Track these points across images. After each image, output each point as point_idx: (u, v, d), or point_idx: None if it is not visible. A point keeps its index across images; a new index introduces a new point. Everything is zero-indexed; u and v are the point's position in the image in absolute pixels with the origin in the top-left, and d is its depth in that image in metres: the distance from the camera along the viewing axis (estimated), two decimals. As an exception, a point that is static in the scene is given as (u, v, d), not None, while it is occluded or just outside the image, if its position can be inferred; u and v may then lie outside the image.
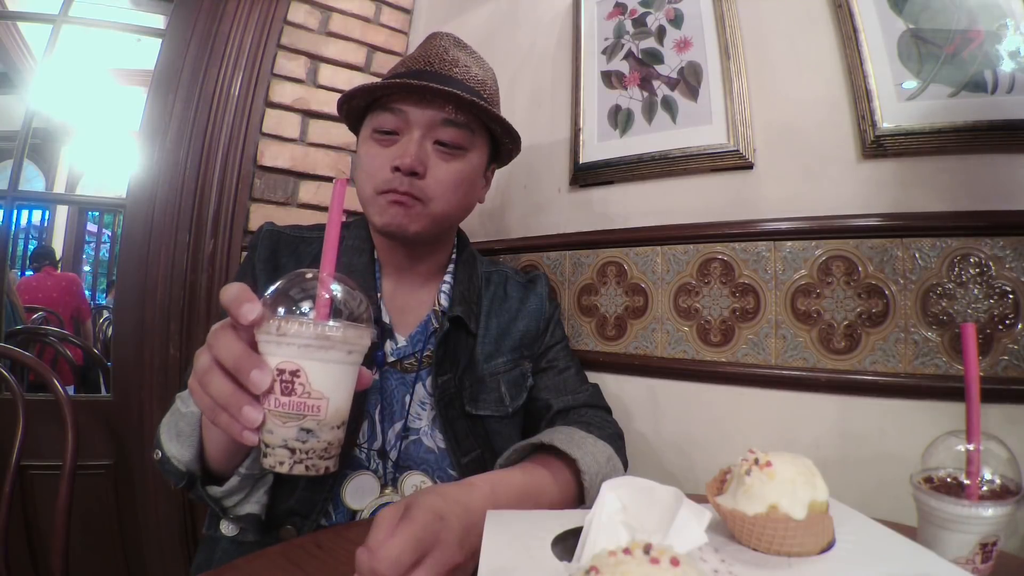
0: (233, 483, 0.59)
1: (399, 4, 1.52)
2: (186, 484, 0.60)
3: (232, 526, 0.65)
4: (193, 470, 0.59)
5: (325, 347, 0.39)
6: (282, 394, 0.39)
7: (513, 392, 0.80)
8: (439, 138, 0.73)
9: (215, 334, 0.42)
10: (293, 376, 0.39)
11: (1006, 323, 0.70)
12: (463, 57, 0.79)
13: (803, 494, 0.40)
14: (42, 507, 1.18)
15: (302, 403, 0.39)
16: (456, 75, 0.75)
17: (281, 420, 0.39)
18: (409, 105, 0.72)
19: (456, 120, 0.73)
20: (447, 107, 0.72)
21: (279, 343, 0.39)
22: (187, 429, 0.59)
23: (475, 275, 0.84)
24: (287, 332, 0.39)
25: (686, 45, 0.98)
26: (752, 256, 0.87)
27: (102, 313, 3.60)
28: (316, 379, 0.39)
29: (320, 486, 0.68)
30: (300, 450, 0.39)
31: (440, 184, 0.73)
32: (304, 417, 0.39)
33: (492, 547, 0.42)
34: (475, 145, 0.76)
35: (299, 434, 0.39)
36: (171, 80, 1.27)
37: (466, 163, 0.75)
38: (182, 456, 0.59)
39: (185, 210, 1.23)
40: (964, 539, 0.43)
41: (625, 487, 0.43)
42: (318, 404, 0.39)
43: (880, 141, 0.78)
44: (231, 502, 0.61)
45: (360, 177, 0.75)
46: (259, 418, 0.40)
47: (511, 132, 0.79)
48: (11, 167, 1.37)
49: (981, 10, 0.74)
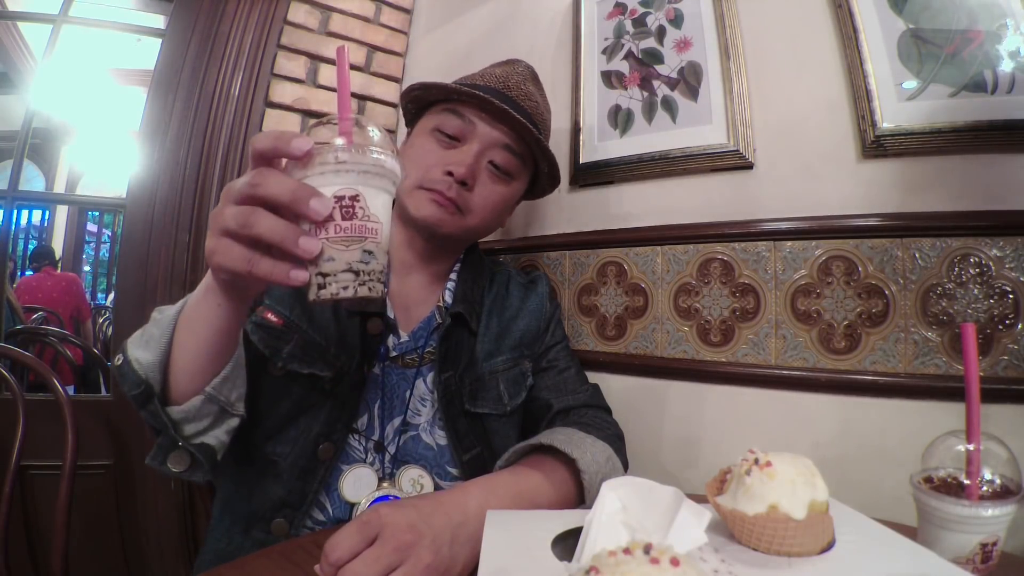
0: (195, 403, 0.55)
1: (399, 4, 1.52)
2: (141, 396, 0.54)
3: (180, 461, 0.57)
4: (152, 379, 0.54)
5: (380, 174, 0.42)
6: (343, 219, 0.41)
7: (512, 391, 0.80)
8: (494, 159, 0.77)
9: (258, 175, 0.41)
10: (353, 201, 0.41)
11: (1006, 323, 0.70)
12: (535, 92, 0.83)
13: (803, 494, 0.40)
14: (42, 507, 1.18)
15: (363, 226, 0.41)
16: (528, 108, 0.80)
17: (344, 244, 0.41)
18: (480, 119, 0.75)
19: (515, 148, 0.77)
20: (512, 133, 0.76)
21: (337, 171, 0.41)
22: (157, 332, 0.55)
23: (480, 276, 0.85)
24: (346, 160, 0.41)
25: (686, 45, 0.98)
26: (752, 256, 0.87)
27: (102, 313, 3.60)
28: (372, 204, 0.42)
29: (312, 476, 0.68)
30: (363, 272, 0.41)
31: (483, 201, 0.77)
32: (365, 239, 0.41)
33: (492, 547, 0.42)
34: (521, 175, 0.82)
35: (363, 256, 0.41)
36: (171, 80, 1.27)
37: (509, 189, 0.80)
38: (144, 359, 0.54)
39: (185, 210, 1.23)
40: (964, 539, 0.43)
41: (625, 487, 0.43)
42: (376, 227, 0.42)
43: (880, 141, 0.78)
44: (190, 429, 0.57)
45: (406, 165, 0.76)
46: (317, 247, 0.40)
47: (555, 174, 0.86)
48: (11, 167, 1.37)
49: (981, 10, 0.74)
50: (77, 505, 0.88)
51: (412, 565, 0.43)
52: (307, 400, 0.69)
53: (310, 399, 0.69)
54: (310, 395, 0.69)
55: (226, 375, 0.56)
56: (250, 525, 0.67)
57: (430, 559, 0.44)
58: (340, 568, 0.42)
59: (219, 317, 0.51)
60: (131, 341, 0.58)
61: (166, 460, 0.57)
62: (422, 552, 0.44)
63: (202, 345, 0.53)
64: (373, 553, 0.43)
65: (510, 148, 0.77)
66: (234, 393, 0.59)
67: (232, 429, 0.60)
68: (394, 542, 0.43)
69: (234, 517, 0.69)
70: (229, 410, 0.59)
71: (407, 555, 0.43)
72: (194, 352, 0.54)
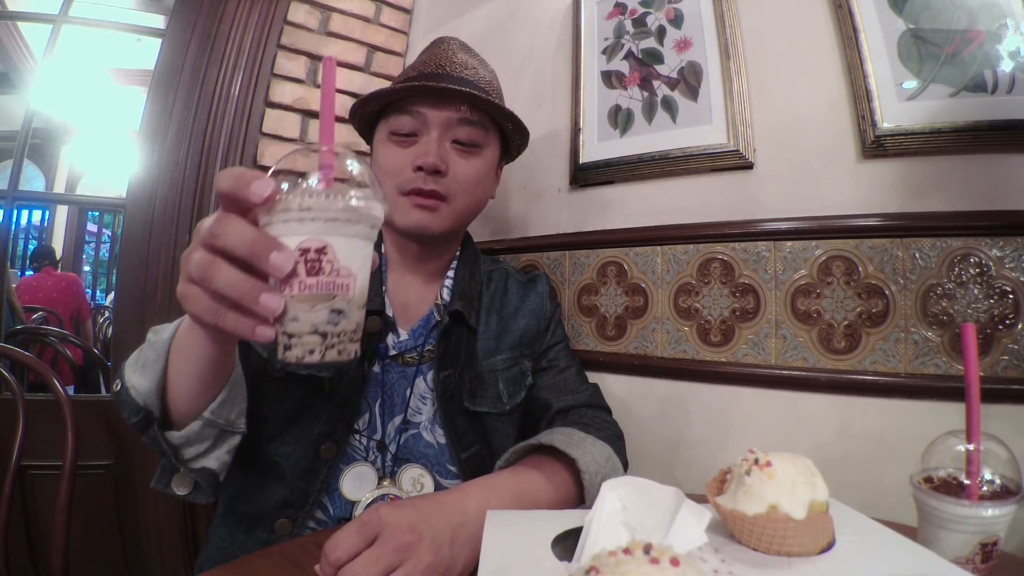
0: (194, 428, 0.55)
1: (399, 4, 1.52)
2: (141, 422, 0.54)
3: (184, 484, 0.59)
4: (151, 406, 0.54)
5: (352, 220, 0.37)
6: (308, 275, 0.36)
7: (511, 390, 0.80)
8: (456, 137, 0.76)
9: (218, 223, 0.37)
10: (319, 254, 0.36)
11: (1006, 323, 0.70)
12: (470, 60, 0.82)
13: (803, 494, 0.40)
14: (42, 507, 1.18)
15: (331, 282, 0.36)
16: (467, 77, 0.79)
17: (309, 304, 0.36)
18: (426, 107, 0.74)
19: (472, 119, 0.76)
20: (462, 107, 0.75)
21: (302, 219, 0.36)
22: (152, 356, 0.54)
23: (476, 272, 0.85)
24: (311, 207, 0.35)
25: (686, 45, 0.98)
26: (752, 256, 0.87)
27: (102, 313, 3.60)
28: (343, 255, 0.37)
29: (315, 476, 0.68)
30: (331, 334, 0.37)
31: (462, 180, 0.76)
32: (334, 297, 0.37)
33: (492, 547, 0.42)
34: (489, 142, 0.80)
35: (330, 316, 0.37)
36: (171, 80, 1.27)
37: (483, 159, 0.79)
38: (141, 386, 0.53)
39: (185, 210, 1.23)
40: (964, 539, 0.43)
41: (625, 487, 0.43)
42: (347, 282, 0.37)
43: (880, 141, 0.78)
44: (190, 452, 0.57)
45: (380, 178, 0.76)
46: (280, 305, 0.36)
47: (521, 128, 0.83)
48: (11, 167, 1.37)
49: (981, 10, 0.74)
50: (77, 505, 0.88)
51: (412, 566, 0.43)
52: (308, 401, 0.69)
53: (311, 399, 0.69)
54: (311, 395, 0.69)
55: (223, 399, 0.56)
56: (254, 524, 0.68)
57: (430, 559, 0.44)
58: (340, 568, 0.42)
59: (207, 350, 0.50)
60: (128, 365, 0.57)
61: (170, 483, 0.58)
62: (422, 552, 0.44)
63: (195, 372, 0.52)
64: (373, 553, 0.43)
65: (467, 121, 0.76)
66: (234, 412, 0.59)
67: (234, 447, 0.61)
68: (394, 543, 0.43)
69: (238, 516, 0.69)
70: (229, 429, 0.59)
71: (407, 555, 0.43)
72: (189, 377, 0.53)
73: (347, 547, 0.43)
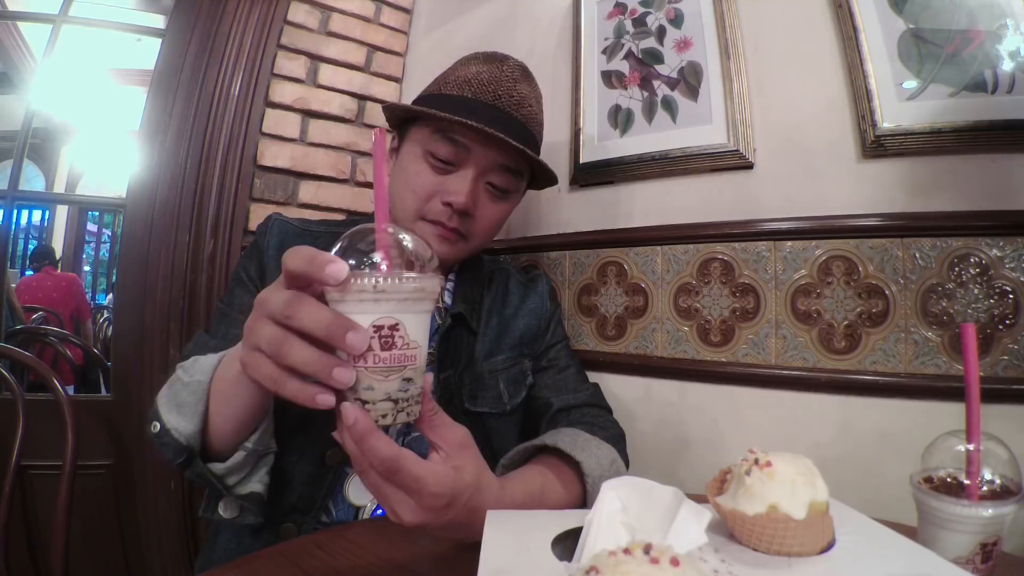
0: (238, 459, 0.57)
1: (399, 4, 1.52)
2: (184, 461, 0.56)
3: (231, 508, 0.62)
4: (194, 444, 0.56)
5: (420, 299, 0.40)
6: (382, 349, 0.39)
7: (512, 390, 0.80)
8: (492, 180, 0.75)
9: (291, 305, 0.39)
10: (392, 331, 0.39)
11: (1006, 323, 0.70)
12: (529, 94, 0.79)
13: (803, 494, 0.40)
14: (42, 507, 1.17)
15: (402, 355, 0.39)
16: (522, 117, 0.76)
17: (383, 375, 0.39)
18: (472, 141, 0.72)
19: (512, 168, 0.76)
20: (508, 154, 0.73)
21: (377, 300, 0.38)
22: (191, 399, 0.56)
23: (478, 274, 0.85)
24: (385, 289, 0.38)
25: (686, 45, 0.98)
26: (752, 256, 0.87)
27: (102, 313, 3.60)
28: (412, 330, 0.40)
29: (321, 482, 0.68)
30: (402, 399, 0.40)
31: (486, 223, 0.77)
32: (405, 368, 0.40)
33: (492, 547, 0.42)
34: (520, 188, 0.81)
35: (401, 384, 0.40)
36: (171, 80, 1.27)
37: (510, 204, 0.80)
38: (184, 428, 0.55)
39: (185, 210, 1.23)
40: (964, 539, 0.43)
41: (625, 487, 0.43)
42: (415, 353, 0.40)
43: (880, 141, 0.78)
44: (234, 480, 0.59)
45: (401, 191, 0.75)
46: (351, 378, 0.39)
47: (552, 179, 0.84)
48: (11, 167, 1.37)
49: (981, 10, 0.74)
50: (77, 505, 0.88)
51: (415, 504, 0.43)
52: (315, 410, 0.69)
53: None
54: None
55: (264, 428, 0.58)
56: (259, 529, 0.67)
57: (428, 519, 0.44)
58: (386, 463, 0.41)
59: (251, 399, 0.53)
60: (161, 405, 0.58)
61: (216, 509, 0.61)
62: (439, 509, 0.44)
63: (238, 415, 0.55)
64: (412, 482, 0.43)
65: (507, 168, 0.75)
66: (267, 435, 0.60)
67: (271, 466, 0.62)
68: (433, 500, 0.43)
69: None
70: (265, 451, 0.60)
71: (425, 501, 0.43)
72: (230, 419, 0.55)
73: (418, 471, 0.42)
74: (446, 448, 0.46)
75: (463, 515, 0.46)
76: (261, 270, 0.75)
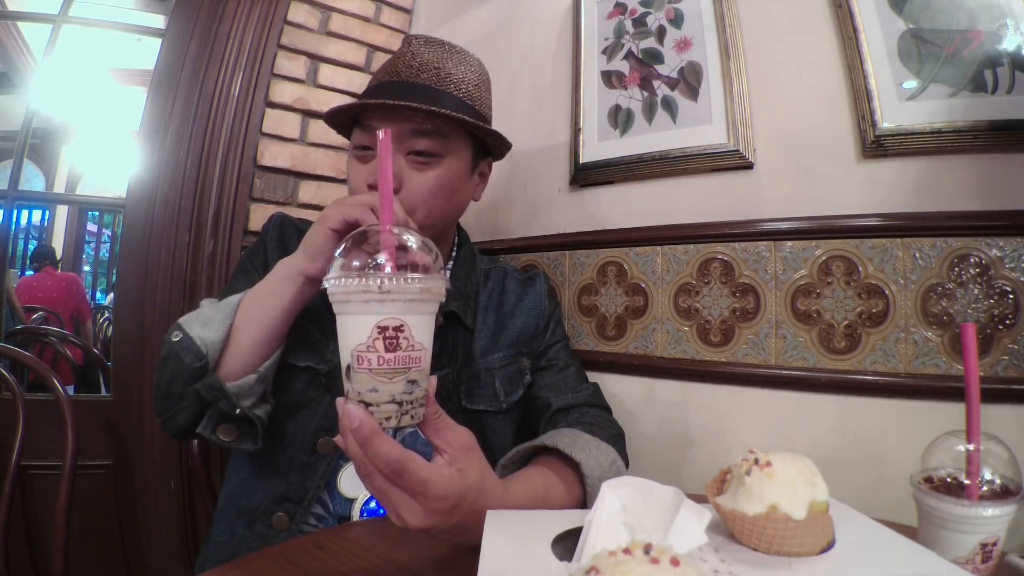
0: (250, 380, 0.62)
1: (399, 4, 1.52)
2: (200, 369, 0.61)
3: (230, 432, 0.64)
4: (212, 355, 0.61)
5: (426, 300, 0.40)
6: (386, 351, 0.39)
7: (508, 387, 0.80)
8: (413, 148, 0.72)
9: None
10: (397, 332, 0.39)
11: (1006, 323, 0.70)
12: (433, 59, 0.77)
13: (803, 494, 0.40)
14: (42, 507, 1.17)
15: (407, 356, 0.39)
16: (423, 80, 0.74)
17: (387, 377, 0.39)
18: (377, 120, 0.72)
19: (424, 129, 0.72)
20: (413, 117, 0.71)
21: (382, 300, 0.38)
22: (218, 316, 0.63)
23: (473, 272, 0.85)
24: (391, 289, 0.38)
25: (686, 45, 0.98)
26: (752, 256, 0.87)
27: (102, 313, 3.60)
28: (417, 332, 0.40)
29: (312, 472, 0.68)
30: (407, 402, 0.40)
31: (416, 195, 0.72)
32: (409, 370, 0.40)
33: (492, 547, 0.42)
34: (452, 149, 0.75)
35: (406, 387, 0.40)
36: (171, 80, 1.27)
37: (444, 168, 0.74)
38: (208, 337, 0.61)
39: (185, 210, 1.23)
40: (964, 539, 0.43)
41: (625, 487, 0.43)
42: (420, 355, 0.40)
43: (880, 141, 0.78)
44: (244, 403, 0.63)
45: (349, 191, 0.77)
46: None
47: (487, 129, 0.77)
48: (11, 167, 1.37)
49: (981, 10, 0.74)
50: (77, 505, 0.89)
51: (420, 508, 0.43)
52: (306, 395, 0.70)
53: (308, 393, 0.69)
54: (308, 389, 0.69)
55: (275, 359, 0.65)
56: (252, 519, 0.68)
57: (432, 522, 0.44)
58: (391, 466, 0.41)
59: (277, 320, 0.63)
60: (186, 322, 0.64)
61: (215, 430, 0.64)
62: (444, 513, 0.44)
63: (267, 324, 0.62)
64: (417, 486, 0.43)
65: (419, 132, 0.72)
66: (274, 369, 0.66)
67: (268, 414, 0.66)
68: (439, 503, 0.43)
69: (237, 511, 0.70)
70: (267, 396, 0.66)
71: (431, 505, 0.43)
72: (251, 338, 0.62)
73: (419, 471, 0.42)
74: (450, 451, 0.46)
75: (467, 518, 0.46)
76: (264, 262, 0.78)
